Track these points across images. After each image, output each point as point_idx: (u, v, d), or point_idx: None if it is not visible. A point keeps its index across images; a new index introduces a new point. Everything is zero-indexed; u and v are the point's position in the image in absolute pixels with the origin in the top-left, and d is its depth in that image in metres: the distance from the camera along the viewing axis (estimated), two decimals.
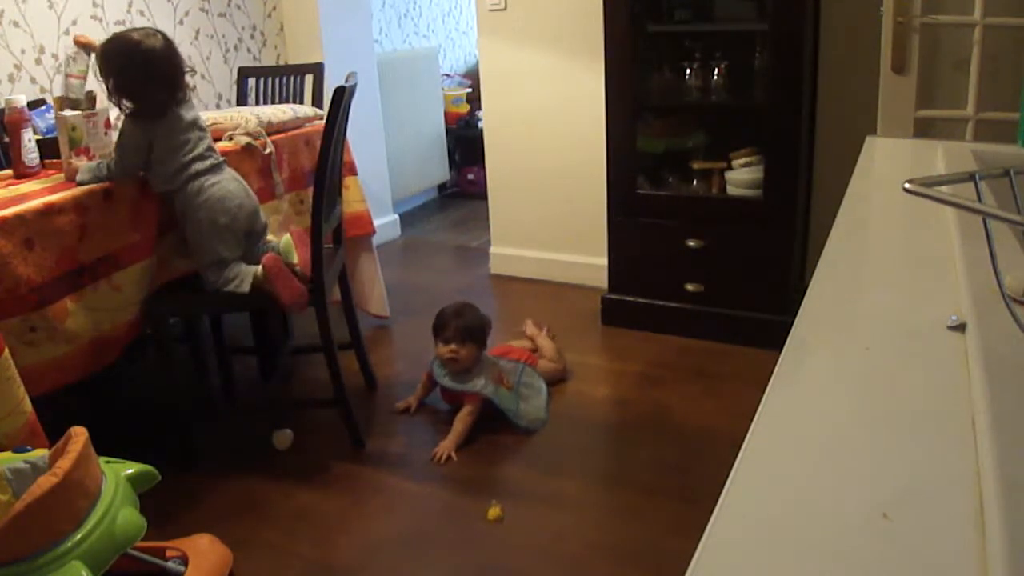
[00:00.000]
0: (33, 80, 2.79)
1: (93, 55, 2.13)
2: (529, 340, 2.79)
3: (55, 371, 1.85)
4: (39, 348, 1.81)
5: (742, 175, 2.81)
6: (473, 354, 2.39)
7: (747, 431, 0.61)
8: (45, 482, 1.37)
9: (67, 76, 2.16)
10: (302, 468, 2.23)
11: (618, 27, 2.80)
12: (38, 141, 2.22)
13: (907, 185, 0.65)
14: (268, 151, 2.51)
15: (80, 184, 1.99)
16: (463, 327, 2.39)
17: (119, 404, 2.46)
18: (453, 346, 2.37)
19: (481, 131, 3.68)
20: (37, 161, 2.21)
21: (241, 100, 3.36)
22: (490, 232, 3.75)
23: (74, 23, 2.89)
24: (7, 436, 1.61)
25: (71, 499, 1.41)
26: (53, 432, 1.64)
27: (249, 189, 2.22)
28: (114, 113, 2.15)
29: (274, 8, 3.73)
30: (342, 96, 2.13)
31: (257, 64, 3.66)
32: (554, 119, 3.40)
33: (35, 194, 1.92)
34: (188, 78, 2.11)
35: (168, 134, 2.05)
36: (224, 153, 2.35)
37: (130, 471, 1.61)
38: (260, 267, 2.09)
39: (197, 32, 3.38)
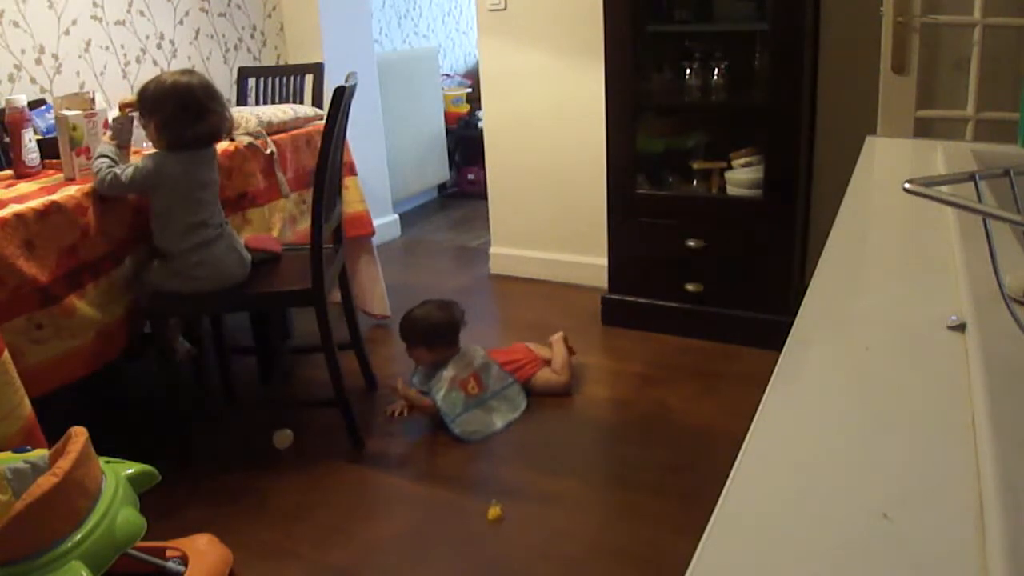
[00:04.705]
0: (33, 80, 2.79)
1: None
2: (548, 347, 2.75)
3: (64, 367, 1.86)
4: (47, 345, 1.82)
5: (742, 175, 2.81)
6: (427, 355, 2.47)
7: (747, 431, 0.61)
8: (45, 482, 1.37)
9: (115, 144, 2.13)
10: (302, 468, 2.23)
11: (618, 27, 2.80)
12: (38, 141, 2.22)
13: (907, 185, 0.65)
14: (269, 151, 2.52)
15: (95, 156, 2.03)
16: (408, 331, 2.50)
17: (119, 404, 2.46)
18: (407, 348, 2.53)
19: (481, 131, 3.68)
20: (37, 161, 2.21)
21: (241, 100, 3.36)
22: (490, 232, 3.75)
23: (74, 23, 2.89)
24: (4, 439, 1.61)
25: (71, 499, 1.41)
26: (53, 432, 1.64)
27: (246, 255, 2.21)
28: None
29: (274, 8, 3.73)
30: (342, 96, 2.13)
31: (257, 64, 3.66)
32: (554, 119, 3.40)
33: (35, 194, 1.92)
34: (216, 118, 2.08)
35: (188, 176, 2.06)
36: (226, 153, 2.35)
37: (130, 471, 1.61)
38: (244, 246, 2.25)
39: (197, 32, 3.38)
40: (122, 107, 2.16)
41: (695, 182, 2.97)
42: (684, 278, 2.91)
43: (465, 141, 5.19)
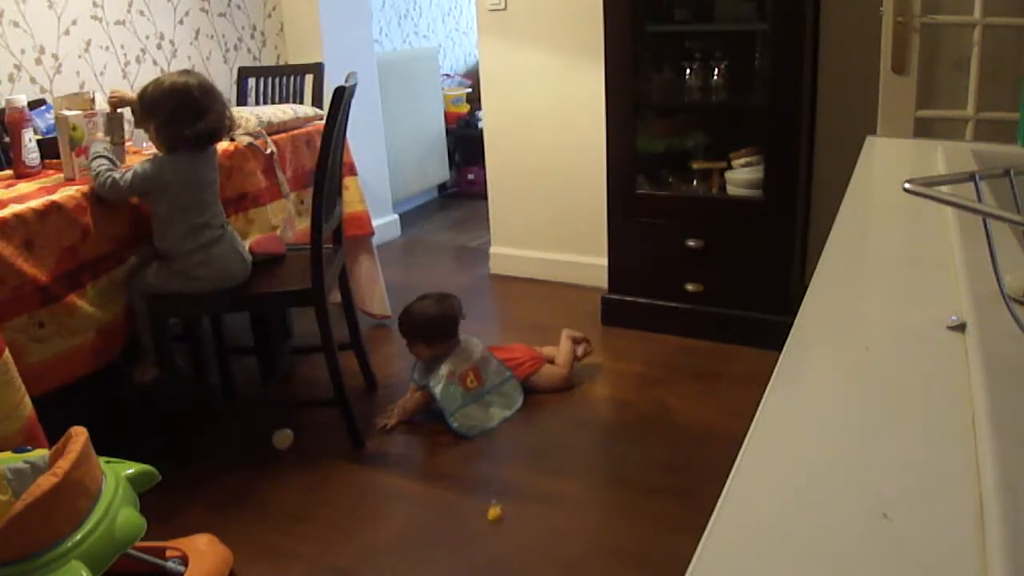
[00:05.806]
0: (33, 80, 2.79)
1: (128, 109, 2.17)
2: (554, 347, 2.72)
3: (65, 365, 1.86)
4: (48, 343, 1.82)
5: (742, 175, 2.81)
6: (426, 350, 2.47)
7: (747, 431, 0.61)
8: (45, 482, 1.37)
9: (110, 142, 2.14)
10: (302, 468, 2.23)
11: (618, 27, 2.80)
12: (38, 141, 2.22)
13: (907, 185, 0.65)
14: (269, 151, 2.52)
15: (91, 156, 2.02)
16: (407, 328, 2.51)
17: (119, 404, 2.46)
18: (407, 343, 2.52)
19: (481, 131, 3.68)
20: (37, 161, 2.21)
21: (241, 100, 3.36)
22: (490, 232, 3.75)
23: (74, 23, 2.89)
24: (4, 439, 1.61)
25: (71, 499, 1.41)
26: (53, 432, 1.64)
27: (247, 256, 2.23)
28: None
29: (274, 8, 3.73)
30: (342, 96, 2.13)
31: (257, 64, 3.66)
32: (554, 119, 3.40)
33: (35, 194, 1.92)
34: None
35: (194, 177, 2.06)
36: (226, 153, 2.35)
37: (130, 471, 1.61)
38: (248, 249, 2.25)
39: (197, 32, 3.38)
40: (111, 103, 2.18)
41: (695, 182, 2.97)
42: (684, 278, 2.91)
43: (465, 141, 5.19)
